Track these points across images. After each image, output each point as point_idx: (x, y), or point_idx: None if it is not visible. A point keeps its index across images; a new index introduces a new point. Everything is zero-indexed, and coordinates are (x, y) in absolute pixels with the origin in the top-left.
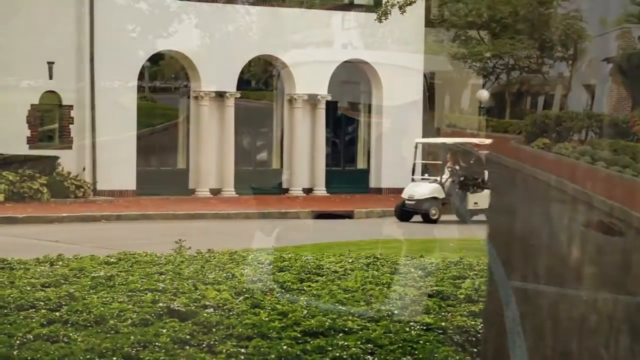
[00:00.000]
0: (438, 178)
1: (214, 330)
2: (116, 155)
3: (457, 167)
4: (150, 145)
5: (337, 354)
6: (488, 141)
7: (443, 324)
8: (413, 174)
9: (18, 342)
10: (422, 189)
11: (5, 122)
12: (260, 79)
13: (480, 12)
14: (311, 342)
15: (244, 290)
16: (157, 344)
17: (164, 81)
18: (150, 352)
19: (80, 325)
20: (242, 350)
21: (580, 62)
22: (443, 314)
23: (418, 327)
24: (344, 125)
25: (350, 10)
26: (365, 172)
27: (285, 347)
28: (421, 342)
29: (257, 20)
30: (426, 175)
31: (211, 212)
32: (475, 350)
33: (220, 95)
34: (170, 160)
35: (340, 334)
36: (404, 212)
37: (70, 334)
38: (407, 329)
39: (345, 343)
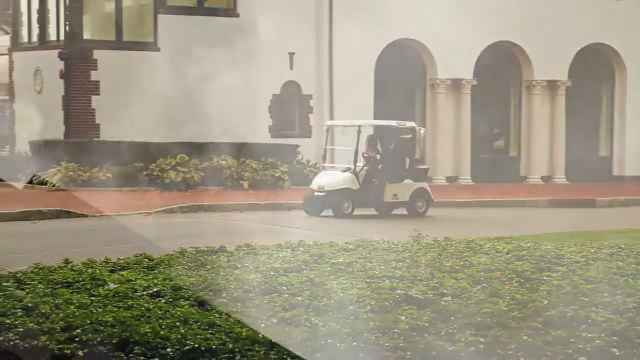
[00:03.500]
0: (352, 166)
1: (452, 318)
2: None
3: (376, 154)
4: None
5: (580, 346)
6: (410, 124)
7: None
8: (324, 162)
9: (263, 325)
10: (333, 179)
11: (249, 112)
12: (498, 65)
13: None
14: (552, 333)
15: (482, 279)
16: (395, 330)
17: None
18: (389, 339)
19: (321, 310)
20: (481, 339)
21: None
22: None
23: None
24: (584, 111)
25: None
26: (608, 160)
27: (525, 337)
28: None
29: (496, 6)
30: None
31: (444, 200)
32: None
33: (457, 85)
34: None
35: (583, 326)
36: (313, 205)
37: (312, 319)
38: None
39: (589, 335)
